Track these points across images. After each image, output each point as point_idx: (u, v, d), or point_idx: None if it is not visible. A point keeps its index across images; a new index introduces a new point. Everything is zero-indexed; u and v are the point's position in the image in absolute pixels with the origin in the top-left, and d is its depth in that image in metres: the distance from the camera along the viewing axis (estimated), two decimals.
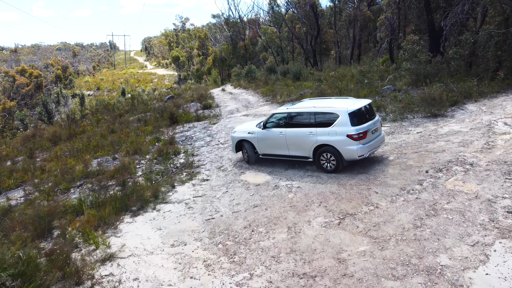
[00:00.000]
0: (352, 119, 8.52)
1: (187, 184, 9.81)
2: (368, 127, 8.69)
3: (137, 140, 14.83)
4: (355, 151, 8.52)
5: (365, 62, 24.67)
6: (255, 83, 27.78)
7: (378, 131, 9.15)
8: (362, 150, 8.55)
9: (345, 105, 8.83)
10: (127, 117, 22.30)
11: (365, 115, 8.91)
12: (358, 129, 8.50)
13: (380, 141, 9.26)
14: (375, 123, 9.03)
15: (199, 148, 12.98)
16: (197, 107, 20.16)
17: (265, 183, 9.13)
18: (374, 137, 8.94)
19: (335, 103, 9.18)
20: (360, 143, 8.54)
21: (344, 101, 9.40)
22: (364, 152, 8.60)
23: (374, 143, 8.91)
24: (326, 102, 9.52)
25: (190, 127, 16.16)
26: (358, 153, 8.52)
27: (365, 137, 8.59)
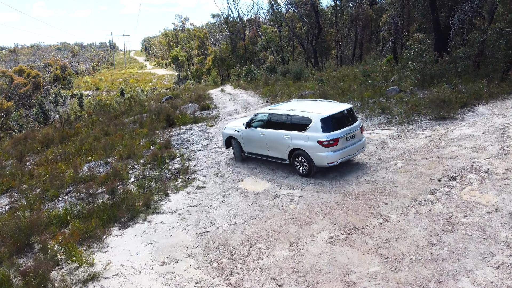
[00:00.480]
0: (323, 125, 8.33)
1: (181, 192, 9.19)
2: (341, 134, 8.39)
3: (131, 143, 14.21)
4: (325, 158, 8.31)
5: (367, 62, 24.05)
6: (254, 83, 27.16)
7: (355, 138, 8.78)
8: (332, 157, 8.30)
9: (320, 110, 8.62)
10: (123, 118, 21.68)
11: (340, 121, 8.63)
12: (329, 136, 8.26)
13: (358, 148, 8.86)
14: (352, 129, 8.66)
15: (196, 152, 12.36)
16: (195, 108, 19.54)
17: (265, 192, 8.51)
18: (349, 144, 8.60)
19: (313, 107, 8.97)
20: (331, 150, 8.30)
21: (323, 105, 9.14)
22: (335, 160, 8.33)
23: (349, 151, 8.57)
24: (307, 105, 9.32)
25: (187, 130, 15.54)
26: (327, 160, 8.31)
27: (336, 144, 8.31)
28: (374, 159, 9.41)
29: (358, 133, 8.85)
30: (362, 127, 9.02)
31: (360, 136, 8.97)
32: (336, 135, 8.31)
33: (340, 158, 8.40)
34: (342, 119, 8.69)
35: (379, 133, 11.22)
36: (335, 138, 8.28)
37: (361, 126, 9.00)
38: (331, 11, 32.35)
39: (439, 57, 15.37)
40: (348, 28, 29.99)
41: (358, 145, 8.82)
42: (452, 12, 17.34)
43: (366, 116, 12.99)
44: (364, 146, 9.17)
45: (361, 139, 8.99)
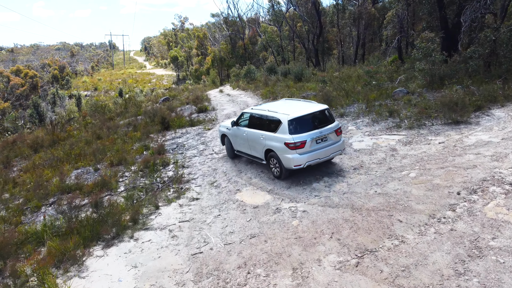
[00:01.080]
0: (291, 127, 8.19)
1: (173, 204, 8.40)
2: (308, 137, 8.16)
3: (123, 148, 13.42)
4: (291, 160, 8.16)
5: (371, 62, 23.27)
6: (254, 84, 26.37)
7: (327, 140, 8.46)
8: (298, 160, 8.12)
9: (291, 111, 8.50)
10: (117, 120, 20.92)
11: (311, 123, 8.39)
12: (295, 138, 8.09)
13: (332, 151, 8.53)
14: (323, 132, 8.36)
15: (191, 158, 11.57)
16: (191, 111, 18.75)
17: (265, 205, 7.72)
18: (319, 147, 8.33)
19: (287, 108, 8.87)
20: (297, 152, 8.13)
21: (299, 106, 8.98)
22: (301, 162, 8.14)
23: (319, 154, 8.31)
24: (284, 106, 9.27)
25: (183, 133, 14.75)
26: (293, 162, 8.15)
27: (303, 147, 8.11)
28: (384, 168, 8.62)
29: (332, 136, 8.51)
30: (338, 129, 8.64)
31: (335, 138, 8.59)
32: (302, 137, 8.10)
33: (308, 161, 8.16)
34: (313, 121, 8.43)
35: (387, 139, 10.42)
36: (302, 141, 8.07)
37: (338, 128, 8.64)
38: (332, 10, 31.56)
39: (447, 57, 14.58)
40: (350, 27, 29.21)
41: (331, 148, 8.48)
42: (461, 9, 16.56)
43: (373, 119, 12.19)
44: (340, 149, 8.77)
45: (336, 142, 8.62)
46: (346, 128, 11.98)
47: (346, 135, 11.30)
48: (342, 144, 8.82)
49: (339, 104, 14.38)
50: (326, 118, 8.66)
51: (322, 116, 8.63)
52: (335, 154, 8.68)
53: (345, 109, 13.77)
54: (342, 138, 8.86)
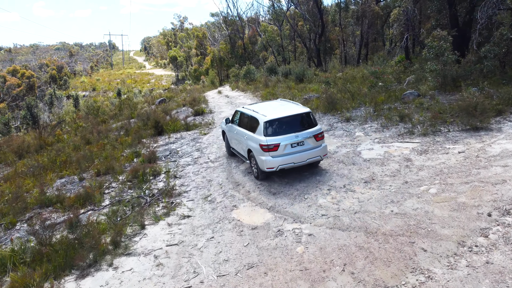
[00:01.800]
0: (266, 129, 8.13)
1: (161, 223, 7.45)
2: (283, 140, 8.00)
3: (112, 154, 12.48)
4: (264, 162, 8.06)
5: (376, 62, 22.30)
6: (254, 84, 25.43)
7: (304, 145, 8.17)
8: (271, 162, 7.99)
9: (270, 113, 8.46)
10: (111, 123, 19.98)
11: (288, 125, 8.23)
12: (268, 140, 8.00)
13: (308, 156, 8.20)
14: (300, 136, 8.12)
15: (184, 167, 10.62)
16: (188, 113, 17.79)
17: (265, 226, 6.76)
18: (294, 151, 8.10)
19: (269, 109, 8.83)
20: (270, 155, 8.01)
21: (281, 108, 8.92)
22: (274, 165, 8.00)
23: (293, 158, 8.07)
24: (269, 107, 9.25)
25: (177, 138, 13.79)
26: (266, 164, 8.04)
27: (276, 150, 7.97)
28: (399, 181, 7.66)
29: (310, 141, 8.20)
30: (318, 134, 8.29)
31: (314, 144, 8.25)
32: (276, 140, 7.98)
33: (280, 165, 8.00)
34: (291, 124, 8.25)
35: (400, 147, 9.46)
36: (275, 144, 7.95)
37: (318, 133, 8.30)
38: (334, 8, 30.59)
39: (460, 57, 13.62)
40: (353, 26, 28.24)
41: (308, 153, 8.18)
42: (473, 6, 15.61)
43: (382, 124, 11.23)
44: (319, 155, 8.37)
45: (315, 147, 8.28)
46: (353, 134, 11.02)
47: (354, 142, 10.35)
48: (323, 150, 8.41)
49: (345, 107, 13.42)
50: (306, 122, 8.40)
51: (301, 120, 8.39)
52: (313, 159, 8.30)
53: (351, 113, 12.81)
54: (324, 144, 8.48)
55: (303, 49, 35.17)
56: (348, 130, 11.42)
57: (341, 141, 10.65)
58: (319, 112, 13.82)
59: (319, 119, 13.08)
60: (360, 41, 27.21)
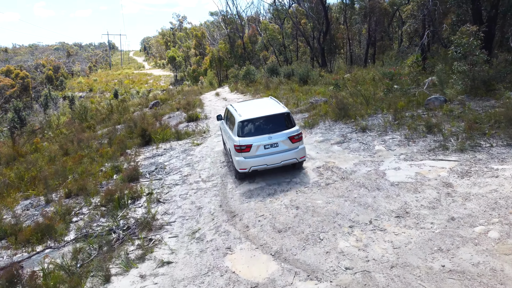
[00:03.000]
0: (241, 129, 8.00)
1: (132, 273, 5.69)
2: (255, 141, 7.86)
3: (90, 169, 10.74)
4: (237, 163, 7.98)
5: (386, 62, 20.51)
6: (254, 86, 23.69)
7: (278, 147, 7.95)
8: (243, 163, 7.89)
9: (246, 112, 8.31)
10: (98, 129, 18.25)
11: (263, 126, 8.02)
12: (241, 141, 7.88)
13: (283, 158, 7.97)
14: (274, 137, 7.91)
15: (171, 188, 8.86)
16: (180, 119, 16.03)
17: (269, 284, 5.00)
18: (268, 153, 7.93)
19: (249, 108, 8.64)
20: (243, 156, 7.89)
21: (260, 107, 8.72)
22: (246, 167, 7.89)
23: (267, 160, 7.92)
24: (250, 106, 9.06)
25: (166, 150, 12.03)
26: (239, 165, 7.97)
27: (248, 151, 7.84)
28: (442, 217, 5.89)
29: (285, 142, 7.96)
30: (294, 136, 8.00)
31: (289, 145, 7.99)
32: (248, 141, 7.85)
33: (253, 166, 7.89)
34: (266, 125, 8.04)
35: (434, 166, 7.68)
36: (247, 144, 7.81)
37: (294, 135, 8.01)
38: (339, 5, 28.81)
39: (488, 56, 11.87)
40: (360, 24, 26.46)
41: (282, 155, 7.95)
42: None
43: (406, 136, 9.46)
44: (295, 157, 8.06)
45: (291, 149, 8.01)
46: (372, 147, 9.26)
47: (375, 158, 8.58)
48: (300, 152, 8.08)
49: (359, 114, 11.66)
50: (282, 123, 8.13)
51: (277, 121, 8.12)
52: (287, 162, 8.04)
53: (367, 121, 11.05)
54: (301, 146, 8.14)
55: (305, 48, 33.40)
56: (365, 142, 9.66)
57: (358, 156, 8.89)
58: (328, 119, 12.06)
59: (329, 127, 11.33)
60: (368, 40, 25.44)
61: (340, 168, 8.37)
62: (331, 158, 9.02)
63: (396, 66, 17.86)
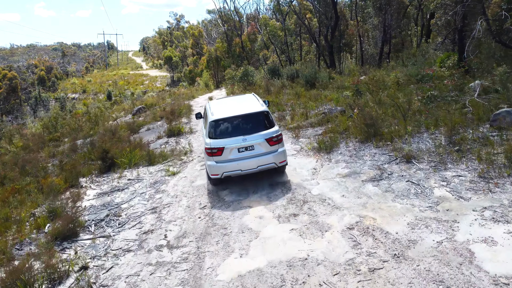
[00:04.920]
0: (213, 129, 7.09)
1: None
2: (228, 143, 6.90)
3: (16, 213, 7.55)
4: (209, 168, 7.14)
5: (411, 61, 17.26)
6: (253, 89, 20.52)
7: (254, 150, 6.97)
8: (215, 169, 6.99)
9: (220, 111, 7.39)
10: (64, 142, 15.07)
11: (238, 127, 7.07)
12: (212, 143, 6.97)
13: (258, 163, 6.96)
14: (248, 139, 6.91)
15: (118, 258, 5.66)
16: (160, 132, 12.78)
17: None
18: (242, 157, 6.96)
19: (226, 106, 7.74)
20: (214, 160, 6.97)
21: (235, 106, 7.71)
22: (218, 172, 6.99)
23: (240, 165, 6.95)
24: (228, 103, 8.18)
25: (131, 181, 8.82)
26: (210, 171, 7.11)
27: (220, 155, 6.92)
28: None
29: (261, 145, 6.99)
30: (272, 138, 6.98)
31: (267, 148, 7.01)
32: (220, 143, 6.93)
33: (225, 172, 6.97)
34: (241, 125, 7.10)
35: None
36: (219, 147, 6.89)
37: (272, 136, 6.99)
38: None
39: None
40: (373, 18, 23.26)
41: (258, 159, 6.98)
42: None
43: (481, 174, 6.23)
44: (274, 162, 7.06)
45: (269, 153, 7.04)
46: (430, 191, 6.03)
47: (441, 214, 5.36)
48: (279, 156, 7.14)
49: (394, 132, 8.45)
50: (259, 123, 7.17)
51: (253, 121, 7.16)
52: (265, 167, 7.10)
53: (410, 145, 7.84)
54: (281, 149, 7.21)
55: (309, 47, 30.21)
56: (416, 181, 6.45)
57: (411, 208, 5.68)
58: (352, 139, 8.87)
59: (355, 152, 8.12)
60: (383, 36, 22.20)
61: (387, 232, 5.18)
62: (367, 210, 5.82)
63: (423, 66, 14.66)
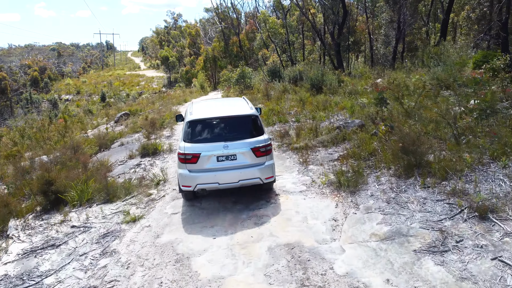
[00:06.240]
0: (189, 131, 5.81)
1: None
2: (206, 149, 5.60)
3: None
4: (180, 178, 5.83)
5: (432, 60, 14.72)
6: (251, 94, 18.04)
7: (236, 160, 5.64)
8: (187, 179, 5.65)
9: (201, 111, 6.19)
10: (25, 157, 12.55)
11: (219, 131, 5.81)
12: (186, 148, 5.67)
13: (240, 177, 5.64)
14: (230, 147, 5.61)
15: None
16: (132, 150, 10.22)
17: None
18: (221, 167, 5.66)
19: (209, 107, 6.60)
20: (188, 168, 5.64)
21: (220, 107, 6.64)
22: (191, 184, 5.66)
23: (218, 176, 5.63)
24: (213, 104, 7.08)
25: (74, 230, 6.27)
26: (181, 181, 5.78)
27: (195, 162, 5.60)
28: None
29: (245, 155, 5.67)
30: (259, 148, 5.64)
31: (252, 159, 5.69)
32: (196, 148, 5.61)
33: (199, 184, 5.64)
34: (223, 130, 5.84)
35: None
36: (194, 153, 5.57)
37: (260, 146, 5.66)
38: None
39: None
40: (386, 13, 20.80)
41: (241, 172, 5.64)
42: None
43: None
44: (258, 177, 5.72)
45: (254, 165, 5.71)
46: None
47: None
48: (266, 170, 5.74)
49: (447, 163, 5.91)
50: (246, 128, 5.91)
51: (239, 125, 5.93)
52: (247, 182, 5.70)
53: (476, 184, 5.31)
54: (269, 162, 5.81)
55: (313, 46, 27.71)
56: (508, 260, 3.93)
57: None
58: (383, 169, 6.34)
59: (393, 195, 5.61)
60: (397, 33, 19.70)
61: None
62: None
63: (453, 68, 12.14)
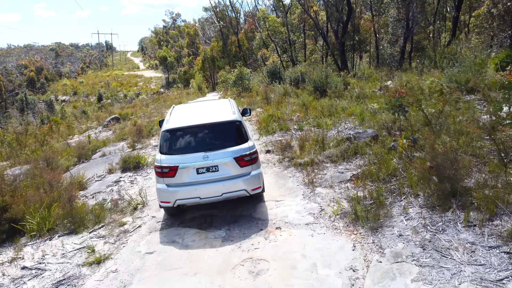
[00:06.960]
0: (166, 142, 5.26)
1: None
2: (184, 161, 5.06)
3: None
4: (158, 193, 5.29)
5: (446, 61, 13.45)
6: (249, 97, 16.80)
7: (218, 172, 5.11)
8: (166, 194, 5.15)
9: (182, 118, 5.60)
10: None
11: (199, 140, 5.23)
12: (163, 160, 5.16)
13: (222, 189, 5.11)
14: (210, 157, 5.06)
15: None
16: (112, 164, 8.94)
17: None
18: (202, 180, 5.12)
19: (189, 113, 5.96)
20: (165, 182, 5.16)
21: (202, 113, 5.90)
22: (170, 200, 5.16)
23: (200, 190, 5.10)
24: (198, 110, 6.26)
25: (24, 272, 4.98)
26: (160, 196, 5.27)
27: (173, 176, 5.10)
28: None
29: (228, 166, 5.12)
30: (245, 156, 5.09)
31: (235, 170, 5.14)
32: (173, 160, 5.09)
33: (179, 199, 5.15)
34: (203, 138, 5.25)
35: None
36: (171, 166, 5.06)
37: (245, 155, 5.09)
38: None
39: None
40: (393, 10, 19.57)
41: (224, 184, 5.11)
42: None
43: None
44: (244, 189, 5.18)
45: (238, 176, 5.16)
46: None
47: None
48: (252, 181, 5.18)
49: (492, 190, 4.65)
50: (228, 136, 5.30)
51: (221, 133, 5.32)
52: (232, 194, 5.20)
53: None
54: (255, 171, 5.26)
55: (315, 45, 26.46)
56: None
57: None
58: (409, 196, 5.07)
59: (427, 233, 4.34)
60: (405, 33, 18.43)
61: None
62: None
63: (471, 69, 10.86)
